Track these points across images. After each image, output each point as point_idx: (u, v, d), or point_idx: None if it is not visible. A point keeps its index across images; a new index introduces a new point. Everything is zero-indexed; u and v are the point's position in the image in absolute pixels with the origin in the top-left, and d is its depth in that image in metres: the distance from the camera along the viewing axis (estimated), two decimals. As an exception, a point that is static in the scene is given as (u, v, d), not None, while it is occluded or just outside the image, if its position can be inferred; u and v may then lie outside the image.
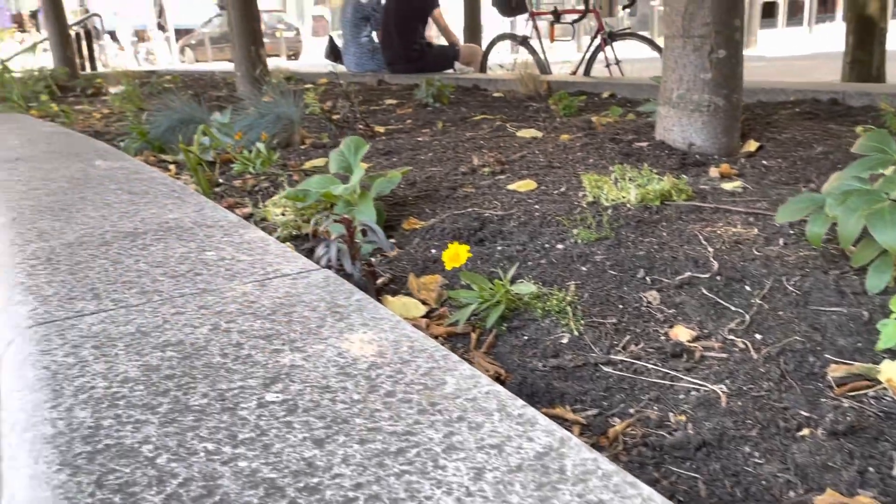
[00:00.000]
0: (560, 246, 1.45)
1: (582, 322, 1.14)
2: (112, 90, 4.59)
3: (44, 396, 0.77)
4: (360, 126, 3.24)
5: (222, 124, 2.52)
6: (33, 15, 33.65)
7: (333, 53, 6.41)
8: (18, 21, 33.54)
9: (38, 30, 30.88)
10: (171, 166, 2.42)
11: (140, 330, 0.94)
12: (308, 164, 2.34)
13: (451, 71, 5.88)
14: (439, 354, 0.85)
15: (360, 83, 5.62)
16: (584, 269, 1.34)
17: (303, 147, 2.83)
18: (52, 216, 1.52)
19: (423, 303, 1.25)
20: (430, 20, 5.83)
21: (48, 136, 2.73)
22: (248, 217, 1.71)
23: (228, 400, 0.75)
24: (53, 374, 0.81)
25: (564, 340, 1.10)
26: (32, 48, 8.86)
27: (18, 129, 2.98)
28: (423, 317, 1.20)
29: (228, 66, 13.80)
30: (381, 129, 3.23)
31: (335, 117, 3.54)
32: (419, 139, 2.92)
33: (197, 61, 20.94)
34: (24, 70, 5.62)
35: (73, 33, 8.30)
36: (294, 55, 19.67)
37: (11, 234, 1.40)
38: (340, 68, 6.34)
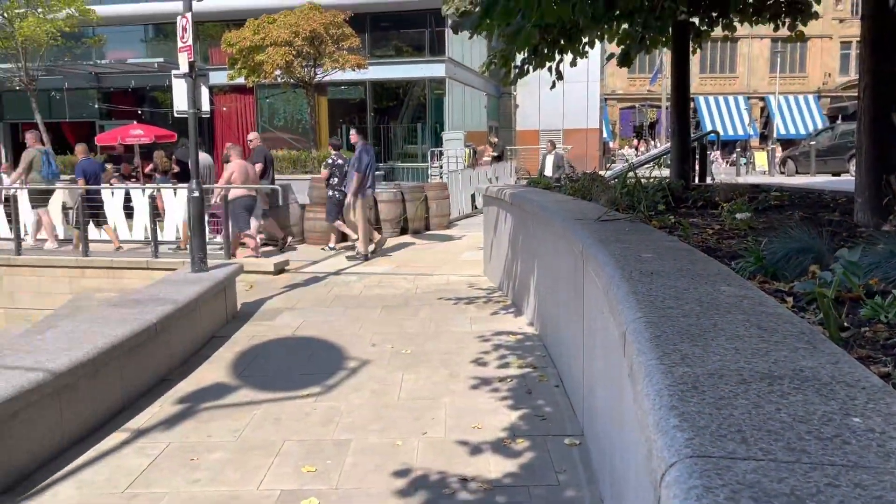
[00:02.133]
0: None
1: None
2: (724, 205, 4.84)
3: (713, 538, 0.85)
4: None
5: (850, 262, 2.41)
6: (651, 126, 38.27)
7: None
8: (638, 132, 38.61)
9: (652, 140, 34.94)
10: (788, 298, 2.41)
11: (794, 493, 0.95)
12: (952, 321, 2.03)
13: None
14: None
15: None
16: None
17: (939, 294, 2.48)
18: (690, 340, 1.68)
19: None
20: None
21: (672, 252, 3.03)
22: (884, 377, 1.58)
23: None
24: (718, 517, 0.89)
25: None
26: (659, 161, 10.01)
27: (647, 240, 3.40)
28: None
29: (833, 182, 13.06)
30: None
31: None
32: None
33: (797, 173, 20.52)
34: (647, 180, 6.37)
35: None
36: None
37: (658, 352, 1.60)
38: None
